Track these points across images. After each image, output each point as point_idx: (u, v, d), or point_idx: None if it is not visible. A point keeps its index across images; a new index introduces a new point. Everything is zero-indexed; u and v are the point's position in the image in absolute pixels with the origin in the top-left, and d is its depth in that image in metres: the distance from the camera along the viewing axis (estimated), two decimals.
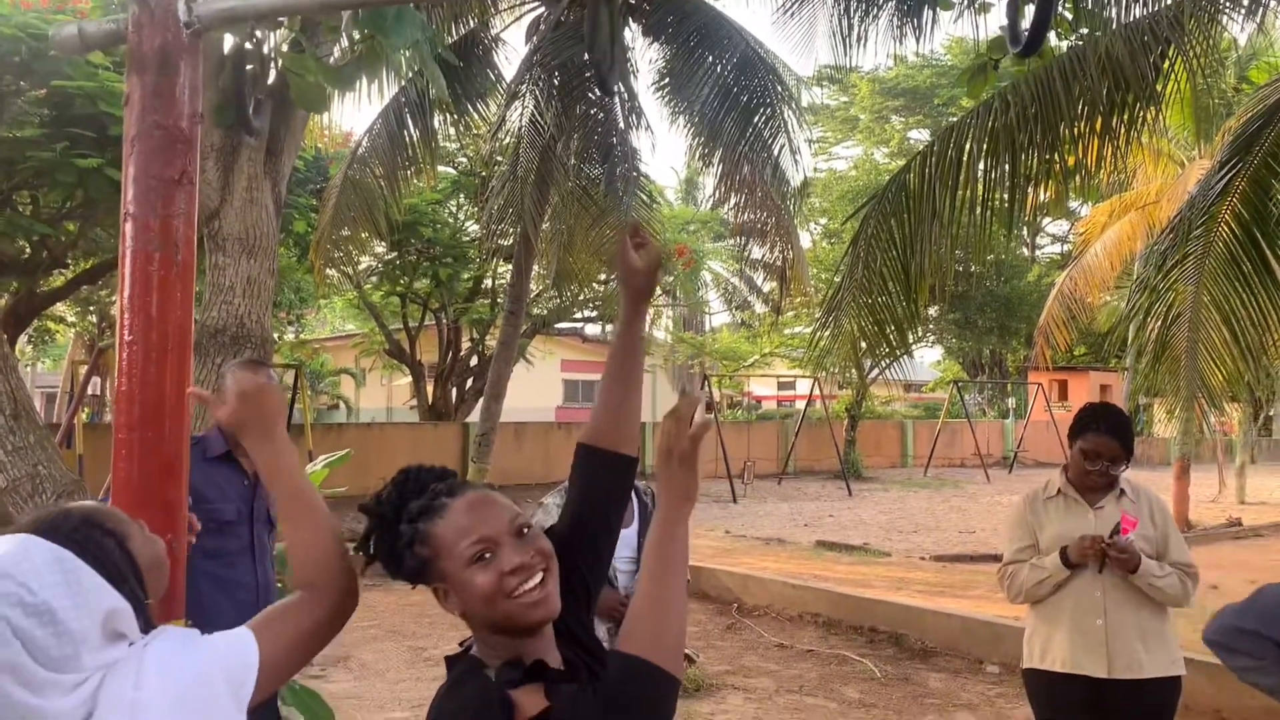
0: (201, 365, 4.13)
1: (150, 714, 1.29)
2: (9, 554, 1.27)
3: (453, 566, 1.48)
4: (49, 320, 20.93)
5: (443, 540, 1.49)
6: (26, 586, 1.23)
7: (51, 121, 10.18)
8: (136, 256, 1.80)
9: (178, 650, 1.37)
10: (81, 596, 1.27)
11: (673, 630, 1.41)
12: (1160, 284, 7.22)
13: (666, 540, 1.47)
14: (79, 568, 1.29)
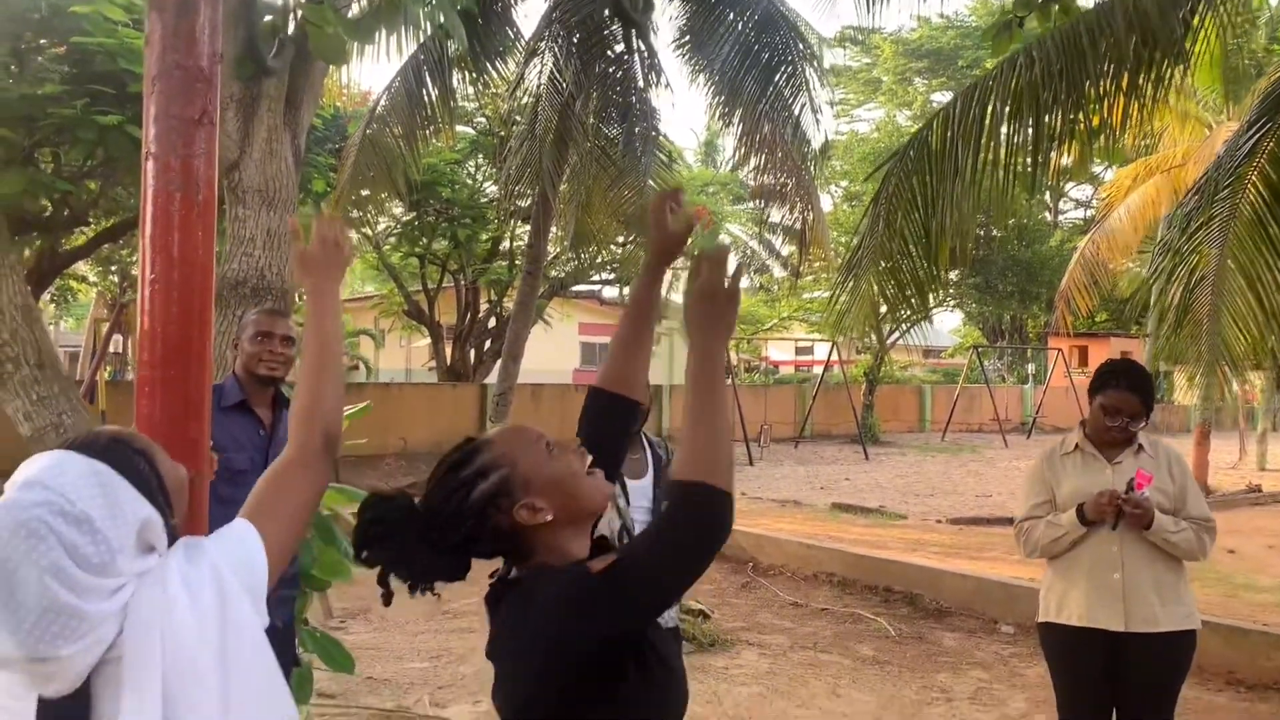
0: (222, 317, 4.16)
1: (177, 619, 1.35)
2: (47, 468, 1.32)
3: (533, 463, 1.60)
4: (71, 279, 21.07)
5: (511, 451, 1.61)
6: (65, 497, 1.28)
7: (72, 78, 10.18)
8: (158, 196, 1.81)
9: (189, 558, 1.43)
10: (117, 507, 1.33)
11: (724, 452, 1.51)
12: (1184, 247, 7.14)
13: (710, 372, 1.56)
14: (114, 479, 1.34)
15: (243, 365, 3.40)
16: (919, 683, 5.64)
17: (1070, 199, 37.73)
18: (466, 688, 5.40)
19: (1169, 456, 3.39)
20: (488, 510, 1.57)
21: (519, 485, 1.58)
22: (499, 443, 1.63)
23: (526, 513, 1.56)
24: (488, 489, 1.57)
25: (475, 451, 1.62)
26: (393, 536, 1.57)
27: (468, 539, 1.58)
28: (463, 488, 1.58)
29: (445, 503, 1.58)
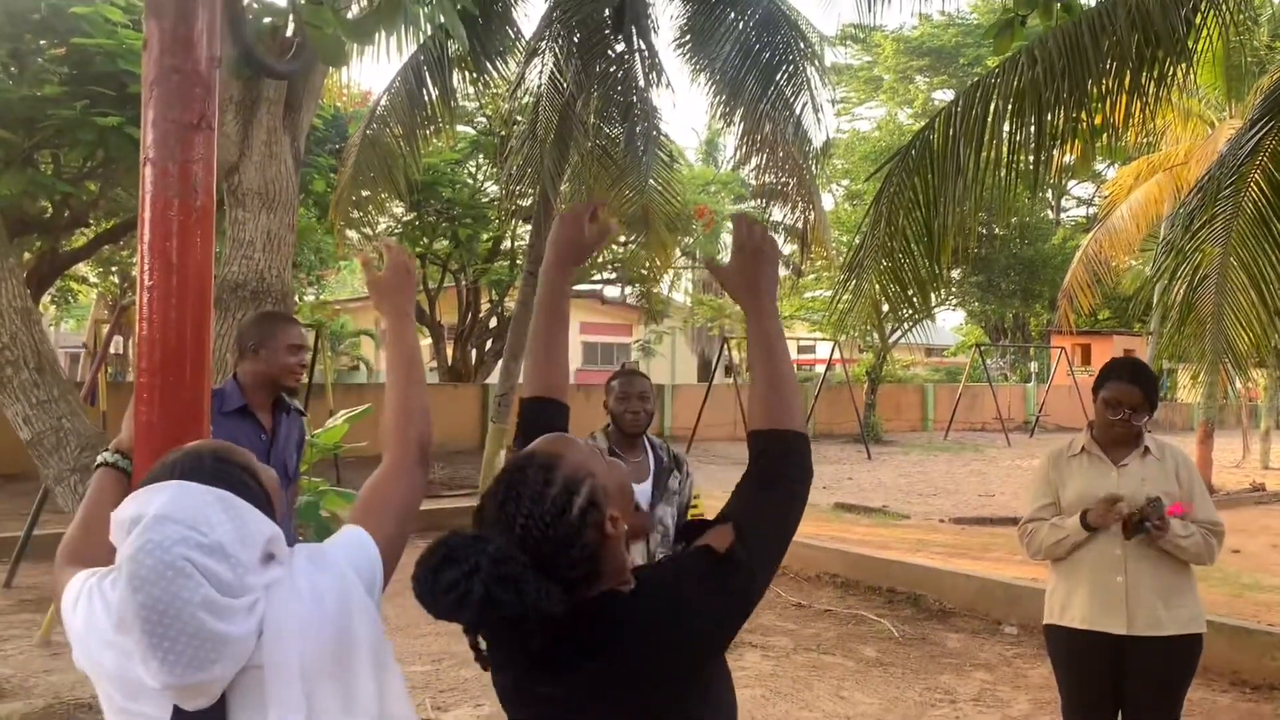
0: (222, 320, 4.15)
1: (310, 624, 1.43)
2: (174, 502, 1.37)
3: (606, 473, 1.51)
4: (71, 280, 21.08)
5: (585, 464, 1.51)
6: (198, 529, 1.35)
7: (71, 80, 10.19)
8: (156, 201, 1.79)
9: (315, 565, 1.50)
10: (244, 529, 1.40)
11: (793, 399, 1.63)
12: (1187, 245, 7.12)
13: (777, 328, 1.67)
14: (235, 503, 1.42)
15: (265, 373, 3.37)
16: (922, 684, 5.63)
17: (1073, 197, 37.71)
18: (468, 691, 5.39)
19: (1176, 459, 3.36)
20: (583, 530, 1.42)
21: (602, 496, 1.46)
22: (568, 453, 1.49)
23: (612, 525, 1.45)
24: (583, 503, 1.43)
25: (550, 468, 1.46)
26: (524, 580, 1.35)
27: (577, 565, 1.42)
28: (564, 508, 1.42)
29: (552, 528, 1.41)
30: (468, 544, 1.38)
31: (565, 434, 1.61)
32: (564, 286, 1.99)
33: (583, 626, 1.42)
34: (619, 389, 3.73)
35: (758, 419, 1.60)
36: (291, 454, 3.53)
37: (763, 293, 1.68)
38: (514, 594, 1.33)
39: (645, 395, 3.74)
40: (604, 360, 32.35)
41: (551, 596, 1.36)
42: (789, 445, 1.58)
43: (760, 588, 1.52)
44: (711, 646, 1.50)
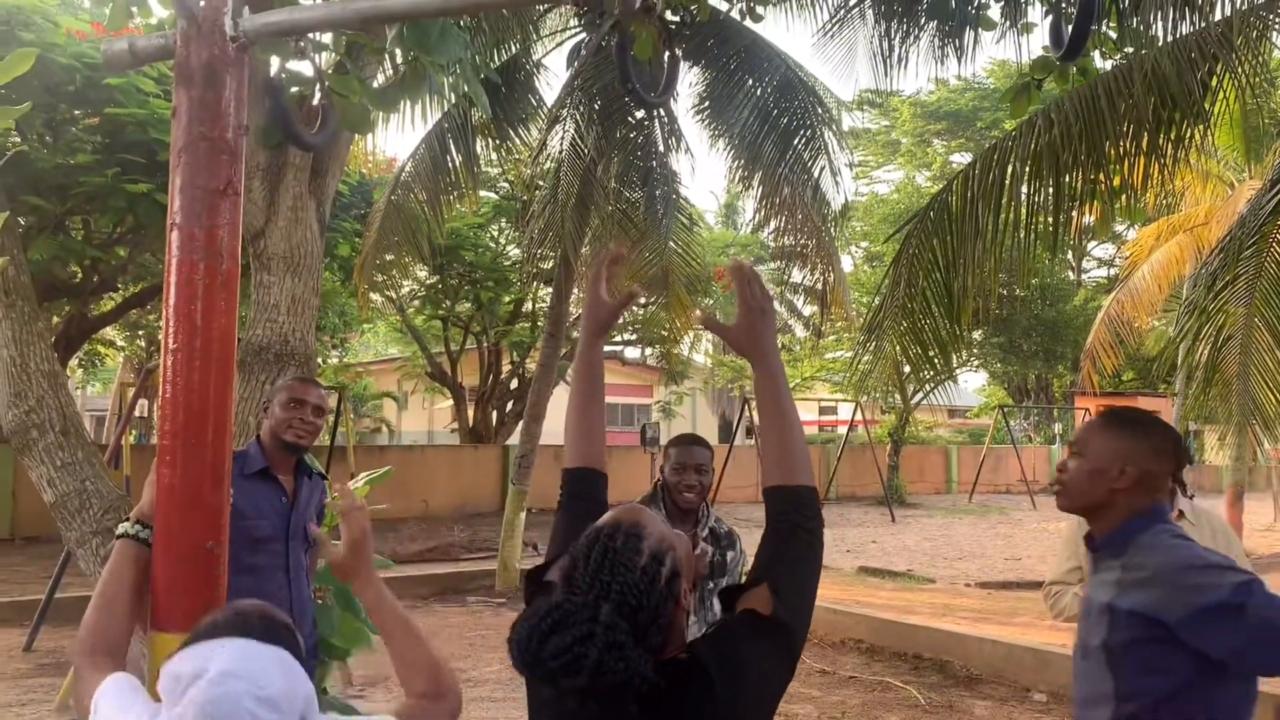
0: (246, 382, 4.18)
1: None
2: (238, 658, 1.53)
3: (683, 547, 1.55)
4: (99, 344, 21.34)
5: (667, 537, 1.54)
6: (257, 683, 1.50)
7: (103, 148, 10.43)
8: (182, 265, 1.82)
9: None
10: (293, 685, 1.55)
11: (803, 452, 1.67)
12: (1210, 306, 7.09)
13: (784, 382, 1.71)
14: (289, 662, 1.58)
15: (270, 430, 3.40)
16: None
17: (1093, 258, 37.67)
18: None
19: (1213, 526, 3.28)
20: (668, 600, 1.46)
21: (681, 567, 1.50)
22: (651, 525, 1.52)
23: (685, 597, 1.49)
24: (669, 573, 1.46)
25: (639, 537, 1.48)
26: (628, 647, 1.37)
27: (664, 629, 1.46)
28: (654, 578, 1.45)
29: (644, 597, 1.43)
30: (579, 610, 1.39)
31: (639, 505, 1.61)
32: (595, 357, 2.01)
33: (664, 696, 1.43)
34: (676, 458, 3.48)
35: (772, 475, 1.64)
36: (312, 517, 3.53)
37: (769, 349, 1.72)
38: (623, 661, 1.35)
39: (703, 468, 3.49)
40: (624, 421, 32.32)
41: (647, 663, 1.39)
42: (802, 499, 1.62)
43: (802, 641, 1.56)
44: (768, 706, 1.54)
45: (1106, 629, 2.18)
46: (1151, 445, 2.28)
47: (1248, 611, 1.97)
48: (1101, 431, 2.30)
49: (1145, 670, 2.11)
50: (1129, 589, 2.15)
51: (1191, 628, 2.03)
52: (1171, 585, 2.08)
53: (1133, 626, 2.12)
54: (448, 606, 10.06)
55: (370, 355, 33.86)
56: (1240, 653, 2.02)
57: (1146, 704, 2.12)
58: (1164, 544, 2.18)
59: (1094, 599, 2.24)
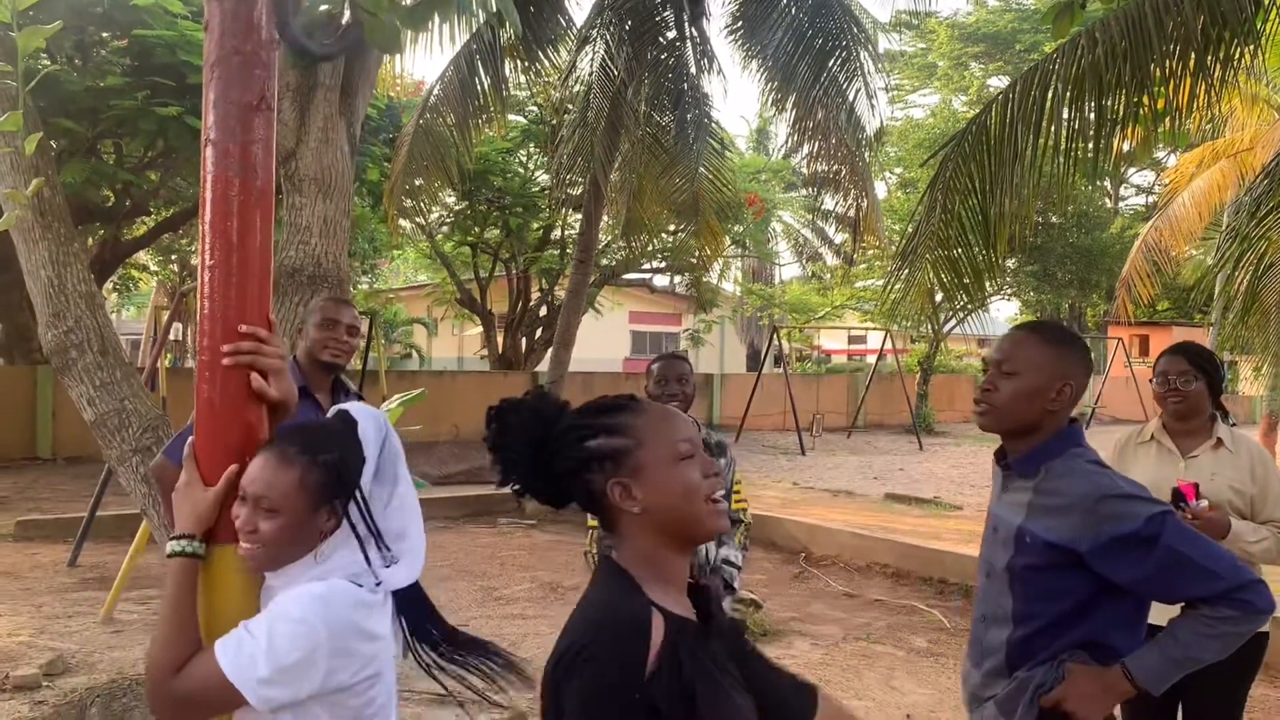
0: (280, 304, 4.20)
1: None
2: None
3: (657, 457, 1.52)
4: (132, 268, 21.53)
5: (648, 432, 1.53)
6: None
7: (133, 71, 10.39)
8: (217, 181, 1.82)
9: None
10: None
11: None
12: (1252, 232, 6.94)
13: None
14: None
15: (306, 351, 3.43)
16: None
17: (1132, 185, 36.97)
18: None
19: (1252, 454, 3.23)
20: (590, 465, 1.52)
21: (630, 464, 1.51)
22: (647, 416, 1.56)
23: (618, 491, 1.51)
24: (603, 447, 1.52)
25: (623, 409, 1.56)
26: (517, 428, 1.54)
27: (567, 476, 1.53)
28: (587, 430, 1.53)
29: (565, 434, 1.54)
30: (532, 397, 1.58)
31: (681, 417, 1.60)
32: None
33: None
34: (657, 373, 3.77)
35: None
36: None
37: None
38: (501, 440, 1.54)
39: (684, 378, 3.75)
40: (653, 348, 32.35)
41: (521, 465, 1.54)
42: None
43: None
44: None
45: (1014, 551, 2.16)
46: (1083, 360, 2.26)
47: (1159, 543, 2.00)
48: (1039, 347, 2.20)
49: (1046, 595, 2.12)
50: (1041, 514, 2.13)
51: (1103, 556, 2.04)
52: (1088, 513, 2.07)
53: (1042, 552, 2.11)
54: (479, 527, 10.23)
55: (400, 281, 33.97)
56: (1144, 581, 2.05)
57: (1041, 625, 2.13)
58: (1080, 470, 2.16)
59: (1002, 519, 2.22)
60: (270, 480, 1.75)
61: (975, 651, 2.31)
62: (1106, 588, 2.09)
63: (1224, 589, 2.01)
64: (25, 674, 5.06)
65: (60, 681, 5.08)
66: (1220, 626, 2.02)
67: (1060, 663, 2.11)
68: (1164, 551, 2.01)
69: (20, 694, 4.89)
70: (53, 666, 5.25)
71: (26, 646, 5.69)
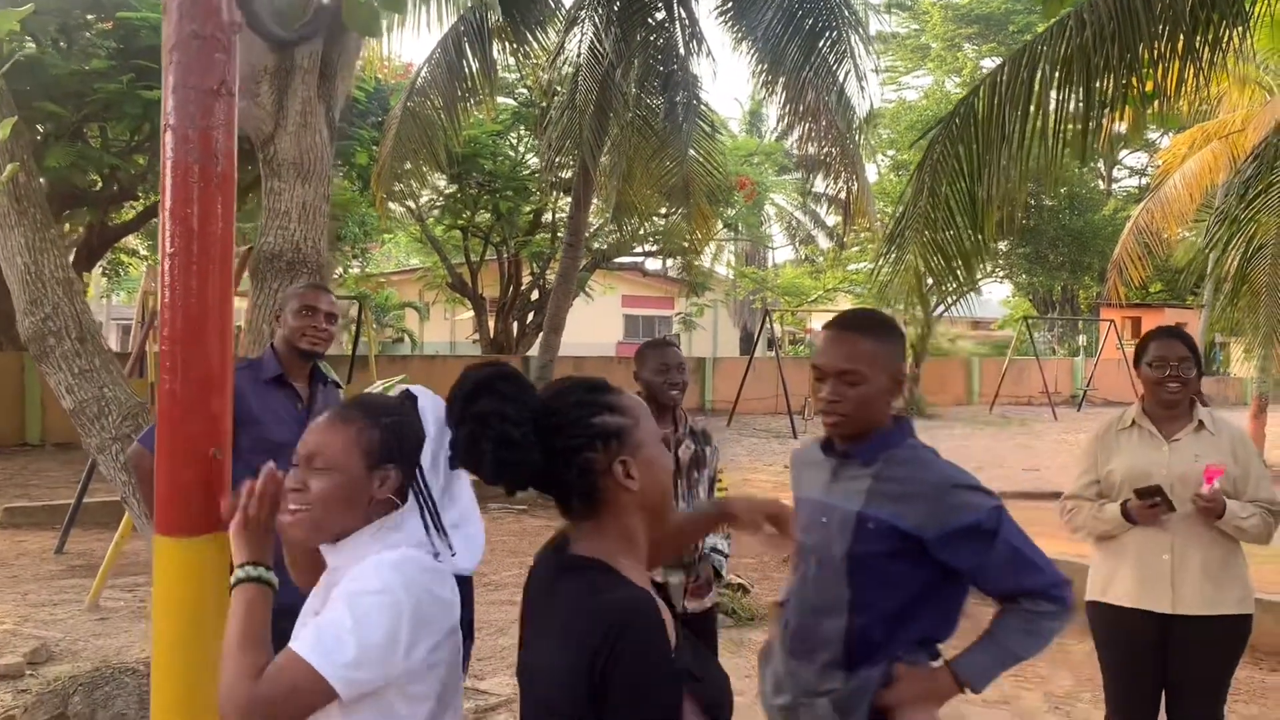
0: (259, 290, 4.16)
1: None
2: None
3: (648, 436, 1.56)
4: (121, 253, 21.40)
5: (639, 411, 1.57)
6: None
7: (118, 54, 10.30)
8: (176, 168, 1.78)
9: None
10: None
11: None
12: (1242, 215, 6.93)
13: None
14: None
15: (284, 339, 3.39)
16: None
17: (1124, 166, 36.94)
18: (505, 659, 5.42)
19: (1232, 435, 3.23)
20: (596, 443, 1.51)
21: (631, 442, 1.53)
22: (633, 401, 1.59)
23: (622, 469, 1.51)
24: (611, 424, 1.52)
25: (612, 391, 1.57)
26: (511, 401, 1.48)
27: (566, 452, 1.50)
28: (593, 407, 1.53)
29: (571, 409, 1.52)
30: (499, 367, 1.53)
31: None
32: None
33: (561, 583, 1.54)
34: (656, 360, 3.65)
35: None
36: None
37: None
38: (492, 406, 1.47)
39: (682, 366, 3.69)
40: (645, 332, 32.33)
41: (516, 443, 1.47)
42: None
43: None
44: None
45: (851, 538, 2.14)
46: (902, 341, 2.26)
47: (999, 535, 2.07)
48: (872, 346, 2.16)
49: (885, 583, 2.12)
50: (885, 500, 2.11)
51: (947, 543, 2.07)
52: (936, 501, 2.09)
53: (884, 539, 2.10)
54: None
55: (392, 265, 33.86)
56: (981, 569, 2.10)
57: (880, 615, 2.13)
58: (922, 459, 2.17)
59: (835, 506, 2.19)
60: (324, 438, 1.66)
61: (799, 646, 2.25)
62: (942, 578, 2.12)
63: (1046, 584, 2.08)
64: (9, 662, 5.04)
65: (45, 670, 5.06)
66: (1039, 622, 2.10)
67: (891, 662, 2.11)
68: (1002, 543, 2.08)
69: (4, 682, 4.87)
70: (36, 655, 5.23)
71: (11, 634, 5.67)
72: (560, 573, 1.55)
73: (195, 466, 1.80)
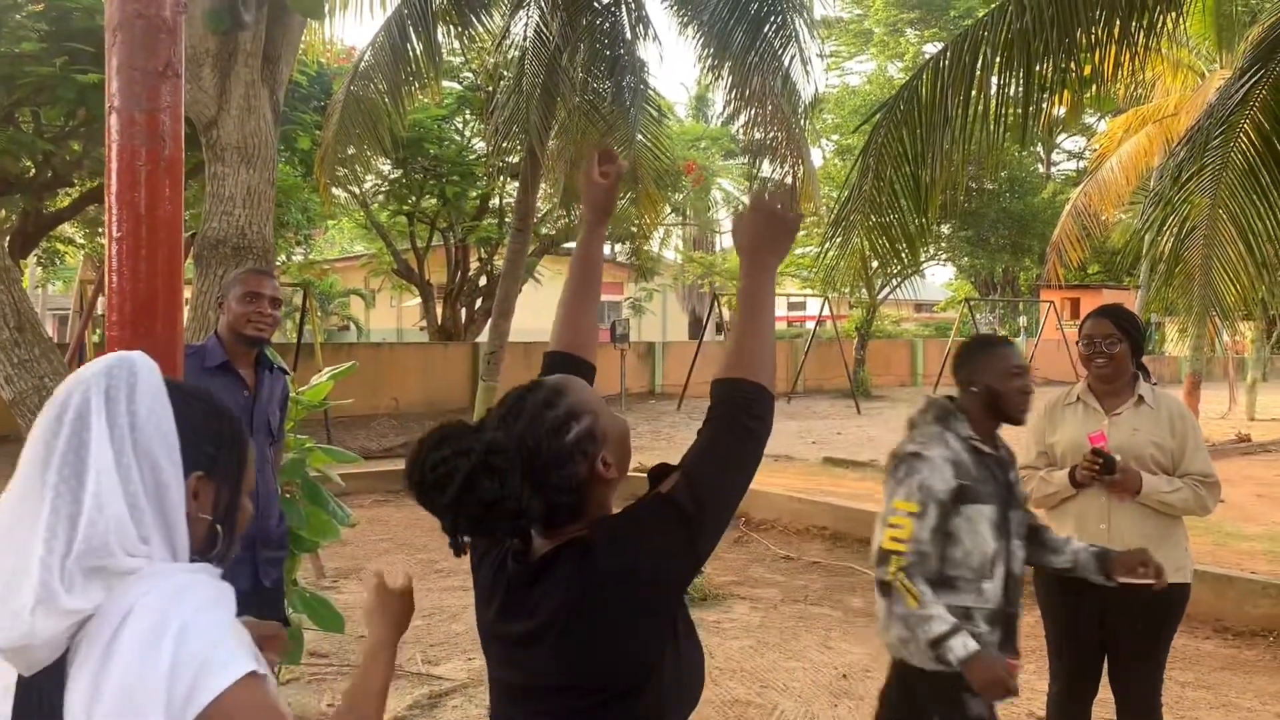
0: (204, 277, 4.11)
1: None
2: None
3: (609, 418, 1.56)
4: (57, 241, 20.88)
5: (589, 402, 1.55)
6: None
7: (50, 36, 10.02)
8: (123, 151, 1.76)
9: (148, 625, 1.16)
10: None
11: (769, 357, 1.60)
12: (1175, 197, 7.09)
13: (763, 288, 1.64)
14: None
15: (229, 325, 3.35)
16: None
17: (1063, 150, 37.56)
18: (459, 645, 5.42)
19: (1171, 410, 3.33)
20: (575, 456, 1.48)
21: (600, 435, 1.52)
22: (576, 389, 1.56)
23: (603, 466, 1.51)
24: (581, 432, 1.49)
25: (557, 394, 1.53)
26: (510, 474, 1.42)
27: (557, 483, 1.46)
28: (560, 428, 1.48)
29: (545, 441, 1.47)
30: (466, 432, 1.45)
31: (576, 378, 1.63)
32: (593, 249, 2.04)
33: (552, 566, 1.48)
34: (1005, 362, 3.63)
35: (723, 368, 1.59)
36: (275, 411, 3.52)
37: (760, 252, 1.66)
38: (496, 483, 1.40)
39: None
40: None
41: (533, 502, 1.43)
42: (748, 395, 1.55)
43: (706, 534, 1.49)
44: (662, 588, 1.49)
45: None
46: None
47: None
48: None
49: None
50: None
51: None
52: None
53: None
54: None
55: (336, 252, 33.42)
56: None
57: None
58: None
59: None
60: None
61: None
62: None
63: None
64: None
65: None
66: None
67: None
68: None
69: None
70: None
71: None
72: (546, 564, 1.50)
73: None
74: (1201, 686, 4.89)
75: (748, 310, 1.63)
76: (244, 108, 4.20)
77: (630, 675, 1.47)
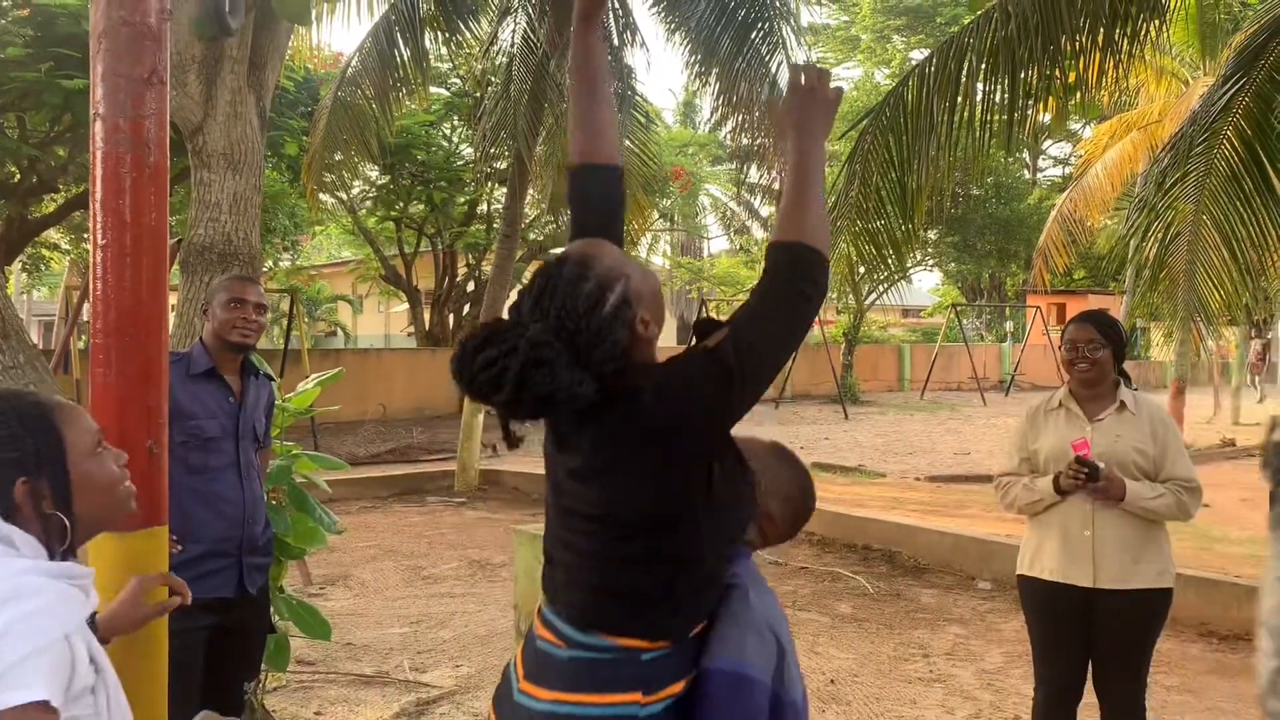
0: (190, 284, 4.09)
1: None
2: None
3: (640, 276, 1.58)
4: (42, 247, 20.78)
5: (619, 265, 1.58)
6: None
7: (36, 41, 9.99)
8: (107, 158, 1.76)
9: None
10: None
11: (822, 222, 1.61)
12: (1159, 203, 7.13)
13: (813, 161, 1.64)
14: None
15: (213, 332, 3.33)
16: (896, 639, 5.69)
17: (1049, 156, 37.75)
18: (446, 652, 5.41)
19: (1153, 416, 3.35)
20: (615, 325, 1.51)
21: (634, 297, 1.55)
22: (603, 254, 1.58)
23: (642, 325, 1.54)
24: (616, 300, 1.52)
25: (586, 265, 1.54)
26: (558, 363, 1.45)
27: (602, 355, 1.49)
28: (596, 303, 1.50)
29: (584, 320, 1.49)
30: (508, 328, 1.48)
31: (599, 240, 1.65)
32: (589, 43, 1.96)
33: (599, 410, 1.53)
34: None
35: (777, 232, 1.61)
36: (261, 418, 3.50)
37: (807, 123, 1.67)
38: (548, 375, 1.43)
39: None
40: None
41: (584, 383, 1.47)
42: (800, 256, 1.56)
43: (746, 394, 1.56)
44: (704, 435, 1.55)
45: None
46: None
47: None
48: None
49: None
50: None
51: None
52: None
53: None
54: (407, 506, 10.15)
55: (323, 258, 33.32)
56: None
57: None
58: None
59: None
60: None
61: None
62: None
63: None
64: None
65: None
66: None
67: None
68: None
69: None
70: None
71: None
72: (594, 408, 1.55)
73: (131, 461, 1.77)
74: (1187, 690, 4.92)
75: (803, 179, 1.63)
76: (230, 114, 4.19)
77: (666, 513, 1.55)
